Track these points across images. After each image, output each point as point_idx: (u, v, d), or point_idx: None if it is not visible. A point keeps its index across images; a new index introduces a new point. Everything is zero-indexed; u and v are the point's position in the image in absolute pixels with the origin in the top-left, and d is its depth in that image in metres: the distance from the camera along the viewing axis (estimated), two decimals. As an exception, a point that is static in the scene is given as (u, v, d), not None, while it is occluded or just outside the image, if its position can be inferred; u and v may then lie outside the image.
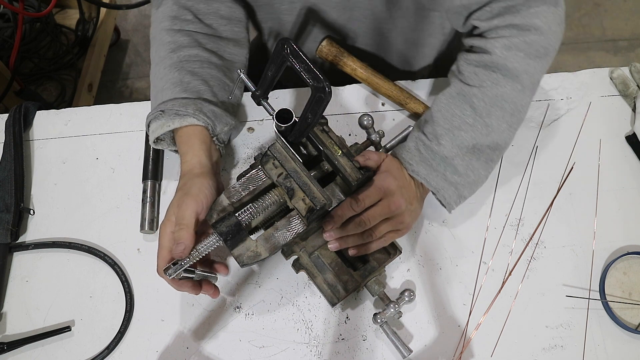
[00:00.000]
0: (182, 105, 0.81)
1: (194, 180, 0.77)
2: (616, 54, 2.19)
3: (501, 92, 0.79)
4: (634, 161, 0.94)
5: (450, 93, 0.83)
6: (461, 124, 0.80)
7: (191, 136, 0.82)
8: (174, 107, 0.81)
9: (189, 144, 0.82)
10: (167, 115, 0.82)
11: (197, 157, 0.80)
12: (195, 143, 0.82)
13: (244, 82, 0.83)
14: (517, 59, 0.79)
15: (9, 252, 0.88)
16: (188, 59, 0.85)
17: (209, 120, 0.82)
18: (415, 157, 0.82)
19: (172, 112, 0.81)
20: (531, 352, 0.82)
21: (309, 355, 0.82)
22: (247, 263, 0.75)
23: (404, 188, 0.80)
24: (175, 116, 0.81)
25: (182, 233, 0.72)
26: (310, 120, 0.72)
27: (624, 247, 0.88)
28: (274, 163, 0.78)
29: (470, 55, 0.83)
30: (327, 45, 0.97)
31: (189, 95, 0.83)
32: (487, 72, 0.80)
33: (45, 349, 0.83)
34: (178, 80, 0.83)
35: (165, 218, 0.76)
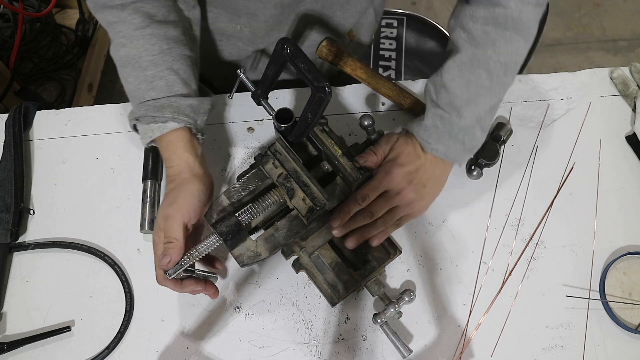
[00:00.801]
0: (157, 109, 0.75)
1: (183, 187, 0.74)
2: (616, 54, 2.19)
3: (515, 49, 0.76)
4: (634, 161, 0.94)
5: (461, 60, 0.78)
6: (479, 89, 0.77)
7: (172, 140, 0.77)
8: (148, 112, 0.75)
9: (171, 149, 0.77)
10: (144, 122, 0.76)
11: (184, 160, 0.76)
12: (178, 146, 0.77)
13: (244, 82, 0.83)
14: (529, 9, 0.75)
15: (9, 252, 0.88)
16: (144, 45, 0.76)
17: (189, 119, 0.77)
18: (433, 135, 0.79)
19: (148, 118, 0.75)
20: (531, 352, 0.82)
21: (309, 355, 0.82)
22: (247, 263, 0.75)
23: (414, 173, 0.79)
24: (152, 123, 0.75)
25: (169, 246, 0.72)
26: (310, 120, 0.72)
27: (624, 247, 0.88)
28: (274, 163, 0.78)
29: (478, 10, 0.76)
30: (327, 45, 0.97)
31: (160, 94, 0.76)
32: (499, 30, 0.75)
33: (45, 349, 0.83)
34: (142, 77, 0.76)
35: (156, 227, 0.75)
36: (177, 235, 0.72)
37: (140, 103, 0.76)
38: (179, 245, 0.72)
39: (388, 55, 1.44)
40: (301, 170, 0.77)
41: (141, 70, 0.76)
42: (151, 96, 0.76)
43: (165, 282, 0.74)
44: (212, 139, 0.95)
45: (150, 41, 0.76)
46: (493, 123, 0.95)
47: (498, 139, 0.92)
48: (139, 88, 0.76)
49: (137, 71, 0.76)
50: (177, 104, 0.76)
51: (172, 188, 0.75)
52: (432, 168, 0.81)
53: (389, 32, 1.46)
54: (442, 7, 2.25)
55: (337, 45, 0.97)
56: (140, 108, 0.76)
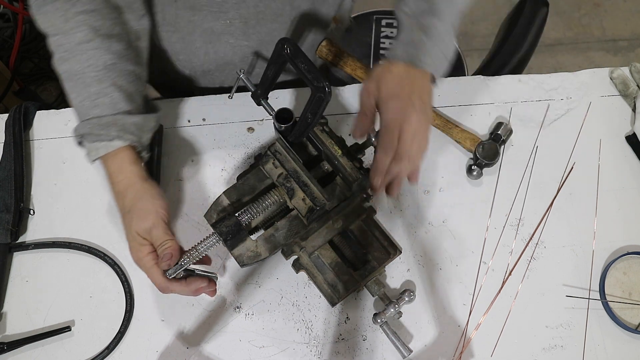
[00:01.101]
0: (102, 127, 0.73)
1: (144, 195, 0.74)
2: (616, 54, 2.19)
3: None
4: (634, 161, 0.94)
5: None
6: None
7: (118, 157, 0.75)
8: (93, 130, 0.73)
9: (116, 165, 0.75)
10: (89, 140, 0.74)
11: (132, 172, 0.75)
12: (124, 161, 0.75)
13: (244, 82, 0.83)
14: None
15: (9, 252, 0.88)
16: (88, 60, 0.74)
17: (134, 137, 0.75)
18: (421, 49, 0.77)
19: (92, 136, 0.74)
20: (531, 352, 0.82)
21: (309, 355, 0.82)
22: (247, 263, 0.75)
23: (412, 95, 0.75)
24: (98, 141, 0.74)
25: (166, 247, 0.72)
26: (310, 120, 0.72)
27: (624, 247, 0.88)
28: (274, 163, 0.78)
29: None
30: (327, 45, 0.97)
31: (104, 112, 0.74)
32: None
33: (45, 349, 0.83)
34: (86, 93, 0.74)
35: (134, 244, 0.73)
36: (169, 236, 0.72)
37: (84, 120, 0.74)
38: (174, 244, 0.72)
39: (388, 55, 1.44)
40: (301, 170, 0.77)
41: (84, 86, 0.74)
42: (95, 114, 0.74)
43: (172, 286, 0.73)
44: (212, 139, 0.95)
45: (94, 56, 0.74)
46: (493, 123, 0.95)
47: (498, 139, 0.92)
48: (82, 104, 0.74)
49: (81, 87, 0.74)
50: (122, 121, 0.74)
51: (131, 201, 0.73)
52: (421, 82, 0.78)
53: (389, 32, 1.47)
54: (442, 7, 2.25)
55: (337, 45, 0.97)
56: (85, 125, 0.74)
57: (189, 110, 0.98)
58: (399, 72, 0.77)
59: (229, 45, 0.95)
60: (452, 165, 0.93)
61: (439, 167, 0.93)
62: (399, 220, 0.90)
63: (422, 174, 0.92)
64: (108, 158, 0.75)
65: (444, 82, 0.99)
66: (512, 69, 1.14)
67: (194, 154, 0.95)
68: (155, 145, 0.93)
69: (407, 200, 0.91)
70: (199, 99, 0.99)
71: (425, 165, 0.93)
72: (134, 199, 0.73)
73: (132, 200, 0.73)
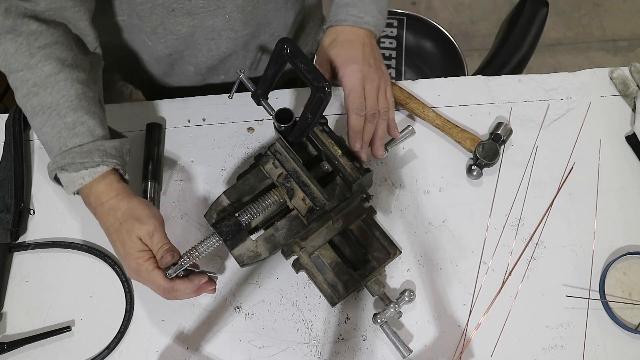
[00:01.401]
0: (85, 155, 0.73)
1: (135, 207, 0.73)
2: (616, 54, 2.18)
3: None
4: (634, 161, 0.94)
5: None
6: None
7: (103, 180, 0.74)
8: (76, 159, 0.72)
9: (102, 187, 0.74)
10: (72, 170, 0.73)
11: (122, 190, 0.75)
12: (112, 181, 0.75)
13: (244, 82, 0.83)
14: None
15: (9, 252, 0.88)
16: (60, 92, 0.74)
17: (117, 161, 0.75)
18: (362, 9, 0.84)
19: (76, 165, 0.73)
20: (531, 352, 0.82)
21: (309, 355, 0.82)
22: (247, 263, 0.75)
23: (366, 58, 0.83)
24: (82, 170, 0.73)
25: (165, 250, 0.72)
26: (310, 120, 0.72)
27: (624, 247, 0.88)
28: (274, 163, 0.79)
29: None
30: (327, 45, 0.97)
31: (84, 140, 0.74)
32: None
33: (45, 349, 0.83)
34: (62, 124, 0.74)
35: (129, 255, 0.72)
36: (168, 240, 0.73)
37: (63, 152, 0.73)
38: (172, 246, 0.73)
39: (388, 54, 1.44)
40: (301, 170, 0.77)
41: (60, 117, 0.74)
42: (75, 143, 0.73)
43: (175, 285, 0.73)
44: (212, 139, 0.95)
45: (65, 87, 0.74)
46: (493, 123, 0.95)
47: (498, 139, 0.92)
48: (59, 136, 0.74)
49: (55, 119, 0.74)
50: (104, 147, 0.74)
51: (126, 212, 0.73)
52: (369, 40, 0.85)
53: (389, 32, 1.47)
54: (442, 7, 2.25)
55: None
56: (65, 157, 0.73)
57: (189, 110, 0.98)
58: (347, 37, 0.83)
59: (230, 39, 0.96)
60: (452, 165, 0.93)
61: (439, 167, 0.93)
62: (399, 220, 0.90)
63: (422, 174, 0.93)
64: (93, 185, 0.74)
65: (444, 82, 1.00)
66: (512, 69, 1.14)
67: (194, 154, 0.95)
68: (155, 145, 0.93)
69: (407, 200, 0.91)
70: (199, 99, 0.99)
71: (425, 165, 0.93)
72: (128, 210, 0.73)
73: (126, 211, 0.73)
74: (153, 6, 0.85)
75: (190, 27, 0.91)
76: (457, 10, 2.24)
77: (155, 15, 0.87)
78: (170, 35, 0.92)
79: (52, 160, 0.75)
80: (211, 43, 0.96)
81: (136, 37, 0.94)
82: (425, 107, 0.95)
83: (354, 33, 0.84)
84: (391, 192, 0.92)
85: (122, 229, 0.72)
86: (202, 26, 0.91)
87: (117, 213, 0.73)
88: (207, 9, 0.87)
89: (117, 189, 0.74)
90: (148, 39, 0.93)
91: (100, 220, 0.75)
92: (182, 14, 0.87)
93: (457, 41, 1.46)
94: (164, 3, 0.85)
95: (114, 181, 0.75)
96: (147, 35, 0.92)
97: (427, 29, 1.47)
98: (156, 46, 0.95)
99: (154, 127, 0.94)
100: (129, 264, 0.73)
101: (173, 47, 0.95)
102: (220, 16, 0.90)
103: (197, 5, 0.86)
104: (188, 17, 0.88)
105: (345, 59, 0.82)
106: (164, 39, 0.93)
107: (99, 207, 0.74)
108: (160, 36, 0.92)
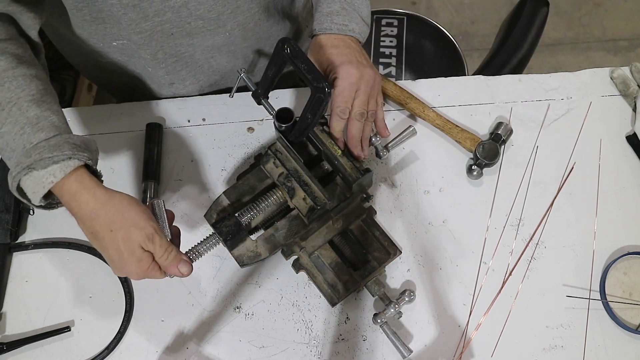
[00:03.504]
0: (54, 148, 0.65)
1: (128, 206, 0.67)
2: (616, 54, 2.18)
3: None
4: (634, 161, 0.94)
5: None
6: None
7: (73, 176, 0.66)
8: (44, 154, 0.64)
9: (76, 185, 0.66)
10: (40, 166, 0.65)
11: (98, 189, 0.67)
12: (84, 179, 0.67)
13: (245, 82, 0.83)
14: None
15: (8, 252, 0.88)
16: (20, 86, 0.69)
17: (88, 154, 0.67)
18: (345, 17, 0.83)
19: (45, 161, 0.65)
20: (531, 352, 0.82)
21: (309, 355, 0.82)
22: (247, 263, 0.75)
23: (358, 59, 0.81)
24: (53, 164, 0.65)
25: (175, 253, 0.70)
26: (310, 120, 0.72)
27: (625, 247, 0.88)
28: (275, 162, 0.79)
29: None
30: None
31: (50, 134, 0.67)
32: None
33: (45, 349, 0.83)
34: (24, 120, 0.67)
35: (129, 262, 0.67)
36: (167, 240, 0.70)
37: (28, 149, 0.66)
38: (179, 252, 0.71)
39: (389, 52, 1.44)
40: (302, 169, 0.77)
41: (21, 112, 0.67)
42: (41, 138, 0.66)
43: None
44: (212, 139, 0.95)
45: (25, 82, 0.69)
46: (493, 123, 0.95)
47: (498, 139, 0.91)
48: (22, 133, 0.67)
49: (17, 115, 0.67)
50: (72, 140, 0.67)
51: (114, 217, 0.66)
52: (357, 45, 0.84)
53: (389, 31, 1.47)
54: (442, 7, 2.25)
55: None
56: (31, 153, 0.65)
57: (189, 110, 0.98)
58: (335, 42, 0.82)
59: (229, 52, 0.96)
60: (452, 165, 0.93)
61: (439, 167, 0.93)
62: (399, 220, 0.90)
63: (422, 174, 0.93)
64: (64, 182, 0.66)
65: (444, 82, 1.00)
66: (512, 69, 1.14)
67: (194, 154, 0.95)
68: (155, 145, 0.93)
69: (407, 200, 0.91)
70: (199, 99, 0.99)
71: (425, 165, 0.93)
72: (116, 213, 0.66)
73: (114, 216, 0.66)
74: (152, 33, 0.84)
75: (189, 47, 0.91)
76: (457, 10, 2.24)
77: (155, 42, 0.87)
78: (170, 59, 0.92)
79: (14, 163, 0.66)
80: (211, 61, 0.96)
81: (136, 62, 0.93)
82: (425, 107, 0.95)
83: (340, 39, 0.82)
84: (391, 192, 0.92)
85: (116, 237, 0.66)
86: (202, 45, 0.91)
87: (100, 219, 0.66)
88: (207, 28, 0.87)
89: (91, 187, 0.67)
90: (148, 65, 0.93)
91: (82, 224, 0.68)
92: (182, 36, 0.87)
93: (457, 41, 1.46)
94: (162, 29, 0.84)
95: (85, 178, 0.67)
96: (146, 62, 0.92)
97: (427, 28, 1.47)
98: (157, 72, 0.95)
99: (153, 127, 0.94)
100: (128, 270, 0.69)
101: (174, 71, 0.95)
102: (220, 34, 0.90)
103: (196, 26, 0.86)
104: (188, 38, 0.88)
105: (340, 61, 0.80)
106: (164, 64, 0.92)
107: (75, 208, 0.67)
108: (160, 61, 0.92)
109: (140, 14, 0.80)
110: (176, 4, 0.80)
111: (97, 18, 0.82)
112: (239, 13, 0.88)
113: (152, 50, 0.88)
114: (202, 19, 0.84)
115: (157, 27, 0.83)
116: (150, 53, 0.89)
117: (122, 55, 0.92)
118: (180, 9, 0.81)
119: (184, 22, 0.84)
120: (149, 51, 0.88)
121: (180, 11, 0.82)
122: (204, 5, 0.82)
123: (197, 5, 0.82)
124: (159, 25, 0.83)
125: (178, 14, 0.82)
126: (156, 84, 0.99)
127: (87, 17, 0.82)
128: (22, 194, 0.68)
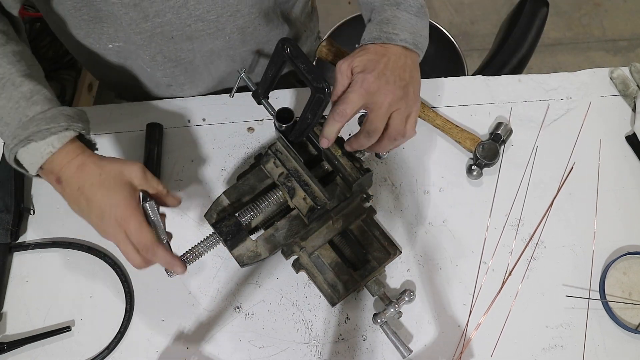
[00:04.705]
0: (50, 120, 0.67)
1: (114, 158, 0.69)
2: (616, 54, 2.18)
3: None
4: (634, 161, 0.94)
5: None
6: None
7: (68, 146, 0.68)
8: (41, 126, 0.67)
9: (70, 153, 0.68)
10: (39, 138, 0.67)
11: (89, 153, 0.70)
12: (77, 147, 0.69)
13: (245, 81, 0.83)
14: None
15: (9, 252, 0.88)
16: (12, 62, 0.71)
17: (82, 125, 0.70)
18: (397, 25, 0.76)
19: (42, 133, 0.67)
20: (531, 352, 0.82)
21: (309, 355, 0.82)
22: (247, 263, 0.76)
23: (385, 70, 0.72)
24: (51, 135, 0.67)
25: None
26: (310, 120, 0.72)
27: (624, 247, 0.88)
28: (275, 162, 0.79)
29: None
30: (327, 45, 0.97)
31: (45, 107, 0.69)
32: None
33: (45, 349, 0.83)
34: (18, 94, 0.69)
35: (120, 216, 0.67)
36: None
37: (24, 122, 0.67)
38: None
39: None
40: (302, 169, 0.77)
41: (15, 87, 0.69)
42: (37, 110, 0.68)
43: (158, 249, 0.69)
44: (212, 139, 0.95)
45: (15, 58, 0.71)
46: (493, 123, 0.95)
47: (498, 139, 0.92)
48: (17, 107, 0.68)
49: (10, 89, 0.69)
50: (66, 112, 0.69)
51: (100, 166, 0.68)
52: (402, 59, 0.74)
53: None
54: (442, 7, 2.25)
55: (337, 45, 0.97)
56: (28, 126, 0.67)
57: (189, 110, 0.98)
58: (375, 49, 0.74)
59: (228, 56, 0.96)
60: (452, 165, 0.93)
61: (439, 167, 0.93)
62: (399, 220, 0.90)
63: (422, 174, 0.93)
64: (59, 153, 0.68)
65: (444, 82, 1.00)
66: (512, 69, 1.14)
67: (194, 154, 0.95)
68: (155, 145, 0.93)
69: (407, 200, 0.91)
70: (199, 99, 0.99)
71: (425, 165, 0.93)
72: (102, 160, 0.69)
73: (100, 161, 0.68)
74: (152, 34, 0.84)
75: (189, 52, 0.91)
76: (457, 10, 2.24)
77: (154, 43, 0.87)
78: (169, 63, 0.92)
79: (11, 136, 0.68)
80: (211, 67, 0.97)
81: (133, 62, 0.94)
82: (425, 107, 0.95)
83: (385, 48, 0.74)
84: (391, 192, 0.92)
85: (105, 179, 0.67)
86: (202, 50, 0.91)
87: (89, 167, 0.68)
88: (207, 31, 0.87)
89: (82, 148, 0.69)
90: (146, 65, 0.93)
91: (68, 183, 0.68)
92: (182, 40, 0.87)
93: (457, 41, 1.45)
94: (163, 31, 0.84)
95: (78, 146, 0.69)
96: (144, 62, 0.92)
97: (427, 28, 1.46)
98: (155, 72, 0.94)
99: (154, 127, 0.94)
100: (115, 215, 0.67)
101: (172, 75, 0.95)
102: (220, 38, 0.90)
103: (196, 28, 0.86)
104: (188, 42, 0.88)
105: (360, 68, 0.72)
106: (162, 67, 0.92)
107: (64, 168, 0.68)
108: (159, 64, 0.92)
109: (140, 14, 0.80)
110: (176, 4, 0.80)
111: (95, 17, 0.82)
112: (239, 17, 0.88)
113: (151, 52, 0.88)
114: (202, 20, 0.85)
115: (157, 28, 0.83)
116: (149, 54, 0.89)
117: (118, 58, 0.93)
118: (180, 9, 0.81)
119: (184, 24, 0.84)
120: (148, 52, 0.88)
121: (180, 11, 0.82)
122: (202, 5, 0.82)
123: (196, 4, 0.82)
124: (159, 27, 0.83)
125: (178, 14, 0.82)
126: (154, 84, 0.99)
127: (85, 17, 0.82)
128: (19, 165, 0.71)
